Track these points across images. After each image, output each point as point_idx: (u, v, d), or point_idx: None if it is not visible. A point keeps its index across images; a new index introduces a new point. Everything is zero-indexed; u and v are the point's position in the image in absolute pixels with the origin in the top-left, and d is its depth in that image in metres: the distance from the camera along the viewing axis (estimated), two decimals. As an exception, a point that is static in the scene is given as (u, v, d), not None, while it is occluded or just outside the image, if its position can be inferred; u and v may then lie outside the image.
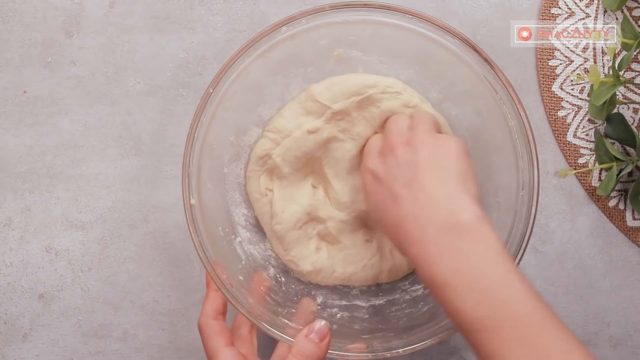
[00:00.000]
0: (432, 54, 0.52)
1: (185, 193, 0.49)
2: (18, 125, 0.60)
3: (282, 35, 0.51)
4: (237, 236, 0.55)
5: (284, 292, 0.55)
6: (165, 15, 0.61)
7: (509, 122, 0.50)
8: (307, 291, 0.56)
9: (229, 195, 0.56)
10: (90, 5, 0.61)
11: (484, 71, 0.51)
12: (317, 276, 0.56)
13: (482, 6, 0.62)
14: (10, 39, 0.61)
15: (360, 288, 0.57)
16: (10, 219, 0.60)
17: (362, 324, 0.54)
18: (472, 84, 0.52)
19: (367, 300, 0.56)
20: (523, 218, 0.50)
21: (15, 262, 0.60)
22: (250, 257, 0.55)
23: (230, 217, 0.55)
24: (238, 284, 0.50)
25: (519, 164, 0.50)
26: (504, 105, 0.50)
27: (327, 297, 0.56)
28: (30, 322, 0.59)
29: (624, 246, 0.61)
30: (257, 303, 0.51)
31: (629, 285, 0.61)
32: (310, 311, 0.54)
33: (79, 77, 0.61)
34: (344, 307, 0.55)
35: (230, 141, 0.55)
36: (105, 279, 0.60)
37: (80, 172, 0.60)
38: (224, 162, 0.55)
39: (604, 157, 0.60)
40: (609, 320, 0.61)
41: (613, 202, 0.61)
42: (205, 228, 0.50)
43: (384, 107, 0.54)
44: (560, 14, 0.62)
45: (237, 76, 0.51)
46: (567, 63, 0.62)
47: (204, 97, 0.50)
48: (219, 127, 0.52)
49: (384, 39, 0.53)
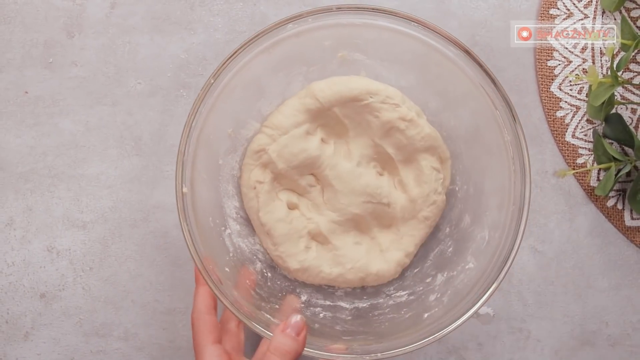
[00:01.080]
0: (435, 63, 0.53)
1: (178, 180, 0.49)
2: (19, 125, 0.61)
3: (287, 33, 0.51)
4: (227, 228, 0.55)
5: (269, 288, 0.55)
6: (166, 16, 0.62)
7: (505, 137, 0.51)
8: (292, 288, 0.56)
9: (222, 187, 0.56)
10: (91, 6, 0.61)
11: (484, 83, 0.51)
12: (303, 274, 0.56)
13: (481, 7, 0.62)
14: (12, 40, 0.61)
15: (345, 289, 0.57)
16: (12, 219, 0.60)
17: (344, 325, 0.54)
18: (472, 96, 0.52)
19: (351, 302, 0.56)
20: (511, 234, 0.50)
21: (16, 262, 0.60)
22: (238, 250, 0.55)
23: (222, 209, 0.56)
24: (224, 277, 0.50)
25: (511, 179, 0.50)
26: (501, 119, 0.51)
27: (311, 296, 0.56)
28: (32, 321, 0.60)
29: (622, 246, 0.62)
30: (240, 296, 0.51)
31: (627, 284, 0.61)
32: (294, 308, 0.54)
33: (80, 77, 0.61)
34: (327, 307, 0.56)
35: (228, 133, 0.55)
36: (107, 278, 0.60)
37: (81, 172, 0.61)
38: (220, 153, 0.55)
39: (603, 157, 0.60)
40: (608, 320, 0.61)
41: (611, 202, 0.62)
42: (196, 217, 0.50)
43: (383, 119, 0.55)
44: (559, 14, 0.62)
45: (239, 69, 0.51)
46: (566, 63, 0.62)
47: (204, 86, 0.50)
48: (217, 118, 0.52)
49: (388, 44, 0.53)
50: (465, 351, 0.61)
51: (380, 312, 0.55)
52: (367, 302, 0.56)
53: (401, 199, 0.57)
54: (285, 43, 0.52)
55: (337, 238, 0.56)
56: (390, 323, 0.53)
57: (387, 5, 0.62)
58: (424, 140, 0.55)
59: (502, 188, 0.51)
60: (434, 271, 0.56)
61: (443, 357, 0.61)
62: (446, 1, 0.62)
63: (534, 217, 0.61)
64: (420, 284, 0.56)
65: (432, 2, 0.62)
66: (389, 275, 0.56)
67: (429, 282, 0.55)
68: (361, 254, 0.56)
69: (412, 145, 0.55)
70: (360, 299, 0.57)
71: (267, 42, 0.51)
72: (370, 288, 0.57)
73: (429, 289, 0.55)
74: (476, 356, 0.61)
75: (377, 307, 0.56)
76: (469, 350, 0.61)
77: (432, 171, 0.56)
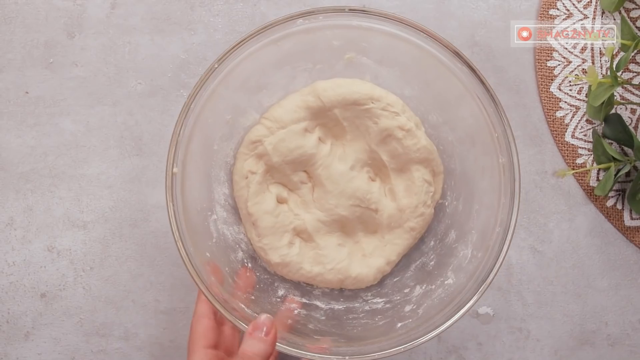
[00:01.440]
0: (439, 76, 0.53)
1: (170, 160, 0.49)
2: (20, 125, 0.61)
3: (297, 27, 0.51)
4: (213, 214, 0.55)
5: (247, 278, 0.55)
6: (166, 16, 0.62)
7: (499, 159, 0.51)
8: (271, 282, 0.57)
9: (214, 173, 0.56)
10: (91, 6, 0.62)
11: (487, 104, 0.51)
12: (283, 269, 0.56)
13: (481, 7, 0.62)
14: (13, 40, 0.61)
15: (323, 289, 0.58)
16: (13, 219, 0.60)
17: (317, 324, 0.54)
18: (473, 116, 0.52)
19: (327, 302, 0.57)
20: (493, 255, 0.50)
21: (17, 262, 0.60)
22: (222, 237, 0.55)
23: (211, 194, 0.56)
24: (205, 260, 0.50)
25: (500, 200, 0.50)
26: (498, 143, 0.51)
27: (289, 292, 0.57)
28: (33, 321, 0.60)
29: (622, 245, 0.62)
30: (216, 281, 0.50)
31: (627, 284, 0.61)
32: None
33: (81, 77, 0.61)
34: (303, 305, 0.56)
35: (226, 120, 0.55)
36: (107, 278, 0.60)
37: (81, 172, 0.61)
38: (216, 139, 0.55)
39: (602, 157, 0.60)
40: (607, 319, 0.61)
41: (611, 201, 0.62)
42: (183, 199, 0.50)
43: (381, 125, 0.55)
44: (559, 15, 0.62)
45: (245, 57, 0.51)
46: (566, 64, 0.62)
47: (207, 70, 0.50)
48: (217, 103, 0.52)
49: (395, 52, 0.53)
50: (465, 351, 0.61)
51: (355, 316, 0.55)
52: (343, 305, 0.57)
53: (390, 206, 0.57)
54: (294, 38, 0.52)
55: (321, 237, 0.57)
56: (363, 328, 0.54)
57: (388, 5, 0.62)
58: (419, 151, 0.55)
59: (490, 209, 0.52)
60: (413, 282, 0.56)
61: (443, 357, 0.61)
62: (446, 1, 0.62)
63: (534, 217, 0.62)
64: (398, 293, 0.56)
65: (432, 2, 0.62)
66: (368, 281, 0.57)
67: (406, 293, 0.56)
68: (343, 256, 0.56)
69: (407, 155, 0.55)
70: (337, 301, 0.57)
71: (276, 34, 0.51)
72: (348, 291, 0.58)
73: (405, 299, 0.55)
74: (476, 356, 0.61)
75: (352, 310, 0.56)
76: (468, 349, 0.61)
77: (423, 183, 0.56)
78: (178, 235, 0.48)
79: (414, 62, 0.53)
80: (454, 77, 0.52)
